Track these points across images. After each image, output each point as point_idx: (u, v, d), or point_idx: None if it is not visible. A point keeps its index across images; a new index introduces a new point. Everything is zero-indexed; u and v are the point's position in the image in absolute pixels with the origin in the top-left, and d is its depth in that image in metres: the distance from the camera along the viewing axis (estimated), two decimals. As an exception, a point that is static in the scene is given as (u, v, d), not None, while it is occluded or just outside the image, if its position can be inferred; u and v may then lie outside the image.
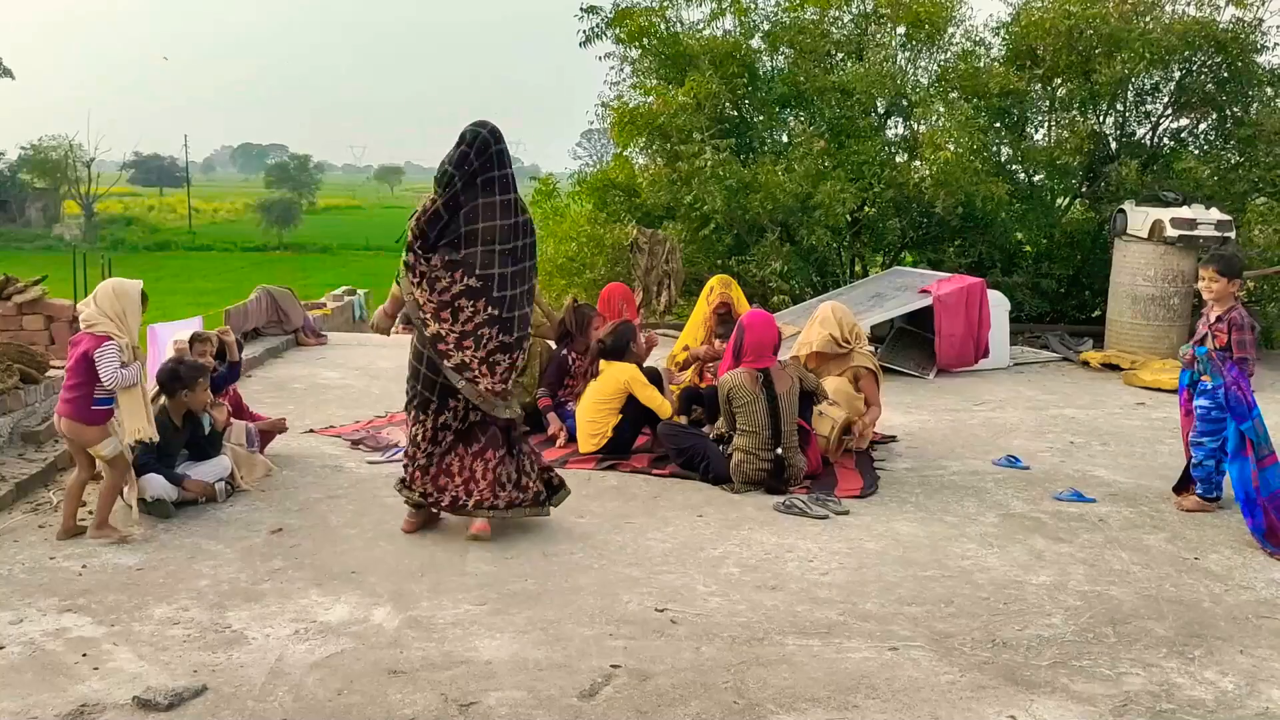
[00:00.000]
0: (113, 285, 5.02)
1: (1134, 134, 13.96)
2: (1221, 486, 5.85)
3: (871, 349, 7.14)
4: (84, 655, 3.78)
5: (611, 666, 3.78)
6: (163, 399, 5.57)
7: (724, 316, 7.68)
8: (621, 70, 14.49)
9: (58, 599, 4.27)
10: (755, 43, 14.10)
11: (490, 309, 4.94)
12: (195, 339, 6.40)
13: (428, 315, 4.96)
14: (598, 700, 3.54)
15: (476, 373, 4.97)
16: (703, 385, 7.42)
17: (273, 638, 3.96)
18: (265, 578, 4.56)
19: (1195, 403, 5.83)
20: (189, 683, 3.55)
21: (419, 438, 5.16)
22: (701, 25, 14.10)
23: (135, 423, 4.96)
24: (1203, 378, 5.76)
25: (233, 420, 6.24)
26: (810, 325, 7.13)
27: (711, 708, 3.50)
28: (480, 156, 4.91)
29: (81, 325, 4.97)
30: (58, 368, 7.21)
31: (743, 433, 6.06)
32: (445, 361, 4.95)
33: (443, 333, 4.95)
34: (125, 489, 5.12)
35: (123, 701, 3.45)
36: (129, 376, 4.88)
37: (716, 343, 7.56)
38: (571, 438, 6.98)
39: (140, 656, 3.78)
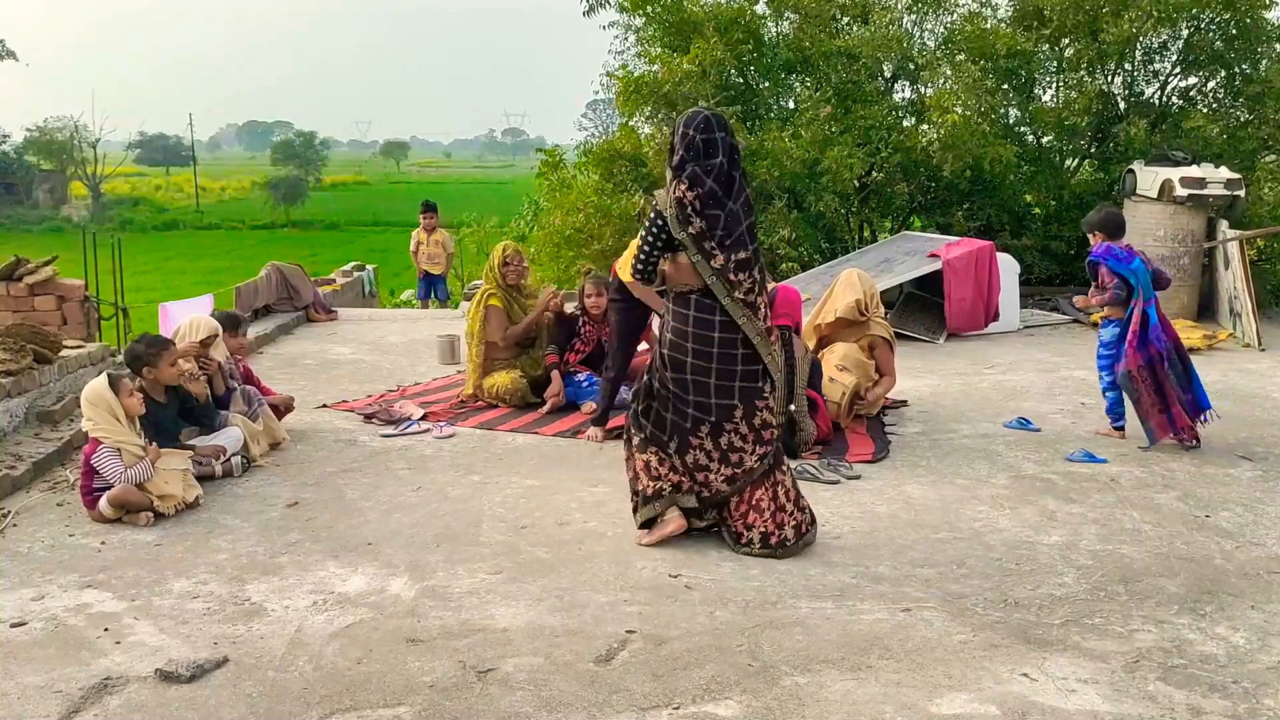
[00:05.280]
0: (86, 392, 5.12)
1: (1142, 93, 13.84)
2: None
3: (883, 315, 7.09)
4: (105, 630, 3.84)
5: (627, 632, 3.82)
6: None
7: None
8: (626, 39, 14.44)
9: (78, 575, 4.33)
10: (760, 8, 14.00)
11: None
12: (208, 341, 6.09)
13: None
14: (614, 664, 3.58)
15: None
16: None
17: (292, 609, 4.00)
18: (283, 551, 4.60)
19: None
20: (210, 654, 3.60)
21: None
22: (705, -9, 14.01)
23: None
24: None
25: (234, 387, 6.21)
26: (834, 289, 7.05)
27: (726, 670, 3.54)
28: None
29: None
30: (70, 347, 7.26)
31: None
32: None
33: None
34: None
35: (145, 674, 3.50)
36: (139, 474, 5.00)
37: None
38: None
39: (161, 630, 3.83)
